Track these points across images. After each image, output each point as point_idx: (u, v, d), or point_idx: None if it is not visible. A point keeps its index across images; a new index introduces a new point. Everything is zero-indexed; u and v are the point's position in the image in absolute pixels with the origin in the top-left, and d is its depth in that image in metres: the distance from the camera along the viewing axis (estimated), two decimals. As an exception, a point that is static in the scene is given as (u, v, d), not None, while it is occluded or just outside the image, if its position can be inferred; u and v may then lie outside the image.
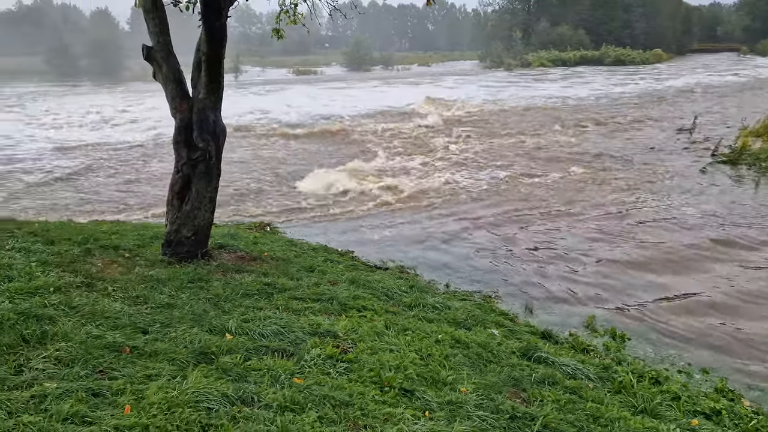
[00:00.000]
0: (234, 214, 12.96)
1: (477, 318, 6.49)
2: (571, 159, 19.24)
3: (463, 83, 54.09)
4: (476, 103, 35.98)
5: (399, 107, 33.86)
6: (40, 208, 13.75)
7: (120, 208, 13.73)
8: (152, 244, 7.59)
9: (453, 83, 54.52)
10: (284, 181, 16.85)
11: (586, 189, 15.20)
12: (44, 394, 3.28)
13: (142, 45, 7.15)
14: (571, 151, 20.69)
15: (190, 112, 6.97)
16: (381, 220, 12.55)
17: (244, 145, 22.62)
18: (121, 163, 19.55)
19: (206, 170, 7.03)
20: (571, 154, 19.99)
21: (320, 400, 3.80)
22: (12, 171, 18.19)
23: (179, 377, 3.80)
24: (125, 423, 3.09)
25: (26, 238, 6.81)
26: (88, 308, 4.81)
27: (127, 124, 28.38)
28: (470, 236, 11.27)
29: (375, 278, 7.52)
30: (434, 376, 4.58)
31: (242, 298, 5.87)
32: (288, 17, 8.13)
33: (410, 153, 20.86)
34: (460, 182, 16.07)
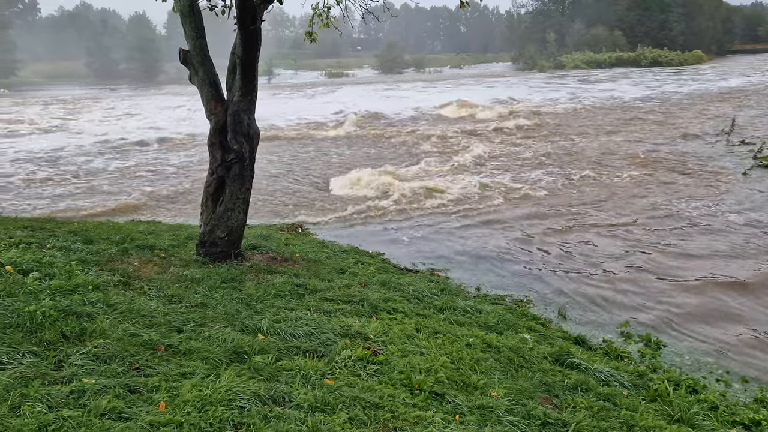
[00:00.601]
0: (266, 215, 13.09)
1: (508, 322, 6.43)
2: (620, 160, 18.87)
3: (509, 85, 53.85)
4: (530, 104, 35.75)
5: (444, 110, 33.75)
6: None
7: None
8: (187, 245, 7.72)
9: (494, 84, 54.44)
10: (317, 182, 16.98)
11: (630, 192, 14.91)
12: (83, 390, 3.37)
13: (179, 49, 7.29)
14: (620, 152, 20.26)
15: (224, 115, 7.08)
16: (412, 222, 12.54)
17: (278, 147, 22.86)
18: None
19: (240, 172, 7.13)
20: (620, 156, 19.57)
21: (351, 401, 3.81)
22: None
23: (212, 376, 3.85)
24: (160, 420, 3.15)
25: (66, 237, 7.00)
26: (125, 306, 4.92)
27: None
28: (504, 239, 11.17)
29: (406, 281, 7.52)
30: (465, 380, 4.55)
31: (274, 298, 5.93)
32: (321, 20, 8.21)
33: (448, 154, 20.81)
34: (496, 185, 15.91)
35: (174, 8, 7.27)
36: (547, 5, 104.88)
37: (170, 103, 43.01)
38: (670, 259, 10.00)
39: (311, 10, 8.21)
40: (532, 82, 57.38)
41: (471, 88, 51.95)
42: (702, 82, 49.98)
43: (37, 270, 5.40)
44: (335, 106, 37.13)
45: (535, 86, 51.60)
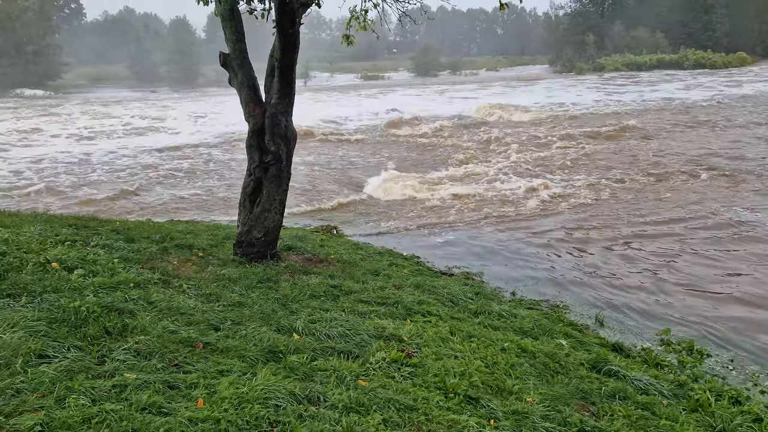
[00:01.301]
0: (302, 216, 13.22)
1: (544, 327, 6.36)
2: (673, 165, 18.46)
3: (564, 87, 53.22)
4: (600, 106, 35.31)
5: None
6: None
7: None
8: (224, 244, 7.85)
9: (547, 87, 53.98)
10: (353, 184, 17.07)
11: (678, 196, 14.56)
12: (125, 384, 3.45)
13: (219, 52, 7.43)
14: (676, 156, 19.81)
15: (262, 117, 7.18)
16: (448, 225, 12.49)
17: (315, 149, 23.06)
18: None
19: (277, 173, 7.22)
20: (673, 161, 19.12)
21: (385, 403, 3.82)
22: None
23: (249, 374, 3.91)
24: (198, 416, 3.21)
25: (109, 235, 7.18)
26: (165, 304, 5.02)
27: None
28: (541, 244, 11.05)
29: (440, 284, 7.50)
30: (499, 384, 4.51)
31: (309, 299, 5.98)
32: (358, 23, 8.25)
33: (488, 159, 20.68)
34: (536, 189, 15.72)
35: (215, 12, 7.41)
36: (586, 7, 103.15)
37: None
38: (715, 268, 9.72)
39: (348, 13, 8.25)
40: (584, 84, 56.38)
41: (525, 90, 51.51)
42: (760, 83, 48.21)
43: (82, 267, 5.55)
44: (385, 107, 37.41)
45: (591, 88, 50.86)
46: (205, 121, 33.79)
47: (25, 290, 4.72)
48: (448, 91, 53.09)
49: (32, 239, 6.22)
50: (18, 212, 8.67)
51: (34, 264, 5.34)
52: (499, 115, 32.36)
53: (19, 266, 5.24)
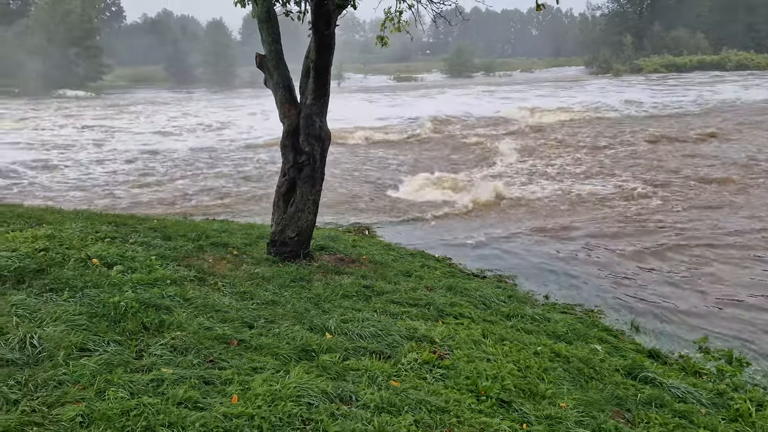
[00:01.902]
0: (334, 216, 13.29)
1: (578, 332, 6.26)
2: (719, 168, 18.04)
3: (601, 89, 52.60)
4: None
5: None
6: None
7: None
8: (258, 243, 7.94)
9: (586, 87, 53.30)
10: (386, 185, 17.09)
11: (721, 201, 14.19)
12: (162, 379, 3.52)
13: (256, 53, 7.52)
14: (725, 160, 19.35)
15: (297, 118, 7.24)
16: (480, 226, 12.42)
17: (350, 149, 23.18)
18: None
19: (311, 174, 7.27)
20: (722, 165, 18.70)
21: (416, 404, 3.82)
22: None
23: (282, 372, 3.95)
24: (233, 411, 3.25)
25: (147, 233, 7.34)
26: (201, 301, 5.11)
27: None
28: (575, 247, 10.89)
29: (472, 286, 7.45)
30: (532, 388, 4.46)
31: (341, 299, 6.01)
32: (392, 25, 8.26)
33: (526, 159, 20.51)
34: (574, 191, 15.52)
35: (252, 14, 7.51)
36: (624, 7, 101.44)
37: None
38: (755, 275, 9.45)
39: (383, 15, 8.27)
40: (631, 86, 55.53)
41: (570, 92, 51.03)
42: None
43: (121, 263, 5.69)
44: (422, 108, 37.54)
45: (638, 89, 50.08)
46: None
47: (67, 285, 4.86)
48: (496, 92, 53.06)
49: (74, 236, 6.39)
50: (60, 209, 8.92)
51: (75, 260, 5.49)
52: (556, 115, 32.03)
53: (62, 262, 5.39)
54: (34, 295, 4.56)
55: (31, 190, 17.20)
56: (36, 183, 18.18)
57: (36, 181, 18.35)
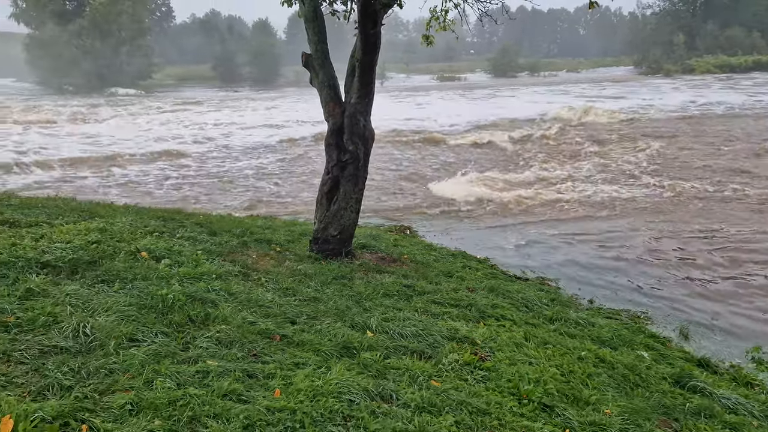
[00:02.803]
0: (376, 215, 13.33)
1: (623, 338, 6.12)
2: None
3: (664, 90, 51.31)
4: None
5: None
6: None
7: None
8: (300, 240, 8.03)
9: (639, 88, 52.12)
10: (428, 185, 17.04)
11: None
12: (207, 371, 3.59)
13: (302, 52, 7.60)
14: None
15: (342, 117, 7.29)
16: (523, 228, 12.27)
17: (394, 149, 23.21)
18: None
19: (354, 172, 7.31)
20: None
21: (457, 405, 3.79)
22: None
23: (324, 368, 3.98)
24: (276, 405, 3.29)
25: (193, 228, 7.50)
26: (245, 296, 5.19)
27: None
28: (623, 251, 10.64)
29: (514, 288, 7.37)
30: (576, 394, 4.38)
31: (382, 297, 6.02)
32: (438, 24, 8.23)
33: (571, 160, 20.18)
34: (619, 193, 15.17)
35: (299, 13, 7.59)
36: (677, 5, 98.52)
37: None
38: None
39: (428, 14, 8.25)
40: (710, 87, 53.96)
41: (630, 91, 50.09)
42: None
43: (168, 257, 5.83)
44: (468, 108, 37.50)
45: (715, 90, 48.74)
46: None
47: (118, 277, 5.00)
48: (552, 92, 52.34)
49: (124, 229, 6.57)
50: (111, 204, 9.19)
51: (125, 253, 5.65)
52: (615, 116, 31.43)
53: (113, 254, 5.55)
54: (87, 286, 4.70)
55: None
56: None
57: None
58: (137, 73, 76.10)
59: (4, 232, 5.74)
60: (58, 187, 15.76)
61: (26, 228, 6.09)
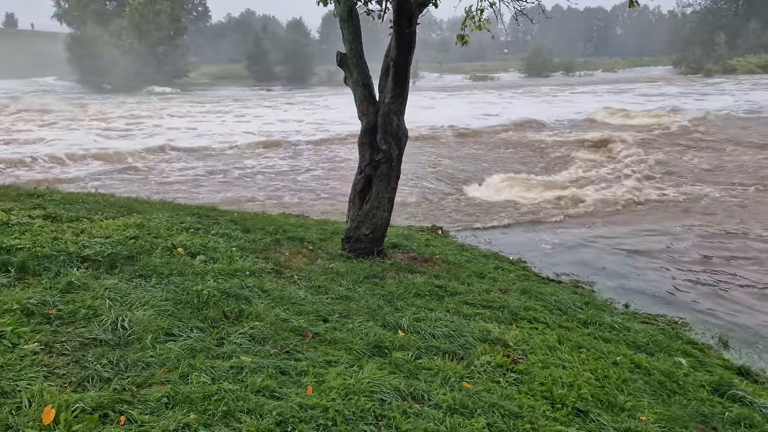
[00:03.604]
0: (407, 215, 13.31)
1: (660, 344, 5.99)
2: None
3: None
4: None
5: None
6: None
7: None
8: (332, 239, 8.06)
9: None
10: (460, 185, 16.97)
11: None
12: (241, 367, 3.63)
13: (337, 52, 7.63)
14: None
15: (375, 116, 7.29)
16: (557, 230, 12.11)
17: (428, 148, 23.16)
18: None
19: (387, 172, 7.31)
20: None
21: (489, 407, 3.76)
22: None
23: (355, 366, 3.98)
24: (308, 402, 3.31)
25: (228, 225, 7.60)
26: (277, 293, 5.24)
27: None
28: (660, 255, 10.41)
29: (548, 290, 7.27)
30: (611, 399, 4.30)
31: (414, 297, 6.01)
32: (473, 23, 8.16)
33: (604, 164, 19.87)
34: (658, 195, 14.86)
35: (334, 13, 7.62)
36: (718, 4, 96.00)
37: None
38: None
39: (461, 13, 8.20)
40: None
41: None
42: None
43: (203, 253, 5.92)
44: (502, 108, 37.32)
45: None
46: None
47: (155, 272, 5.10)
48: (611, 92, 51.57)
49: (161, 225, 6.70)
50: (149, 200, 9.38)
51: (162, 248, 5.75)
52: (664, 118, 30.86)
53: (150, 250, 5.66)
54: (125, 280, 4.80)
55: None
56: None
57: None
58: (173, 72, 77.49)
59: (47, 226, 5.90)
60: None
61: (67, 223, 6.25)
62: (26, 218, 6.08)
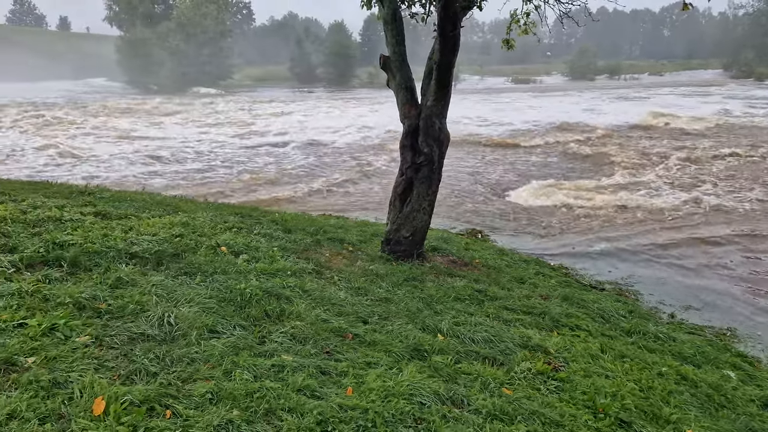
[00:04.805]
0: (447, 218, 13.25)
1: (707, 355, 5.81)
2: None
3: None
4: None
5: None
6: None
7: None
8: (372, 241, 8.09)
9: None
10: (500, 190, 16.80)
11: None
12: (282, 365, 3.68)
13: (380, 54, 7.66)
14: None
15: (417, 118, 7.29)
16: (599, 236, 11.87)
17: (468, 152, 23.04)
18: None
19: (428, 174, 7.30)
20: None
21: (529, 414, 3.72)
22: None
23: (395, 369, 3.99)
24: (348, 403, 3.33)
25: (269, 225, 7.70)
26: (318, 293, 5.29)
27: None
28: (708, 263, 10.11)
29: (590, 298, 7.14)
30: (655, 411, 4.20)
31: (453, 301, 5.98)
32: (519, 27, 8.08)
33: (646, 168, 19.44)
34: (711, 202, 14.43)
35: (378, 16, 7.66)
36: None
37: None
38: None
39: (503, 16, 8.12)
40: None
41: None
42: None
43: (246, 253, 6.02)
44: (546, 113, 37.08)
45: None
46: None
47: (199, 270, 5.21)
48: (688, 95, 50.38)
49: (205, 224, 6.84)
50: (193, 199, 9.58)
51: (206, 247, 5.87)
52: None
53: (194, 248, 5.79)
54: (171, 277, 4.92)
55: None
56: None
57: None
58: (218, 73, 79.07)
59: (97, 223, 6.09)
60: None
61: (116, 220, 6.44)
62: (78, 215, 6.28)
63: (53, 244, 5.04)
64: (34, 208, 6.23)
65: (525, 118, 34.51)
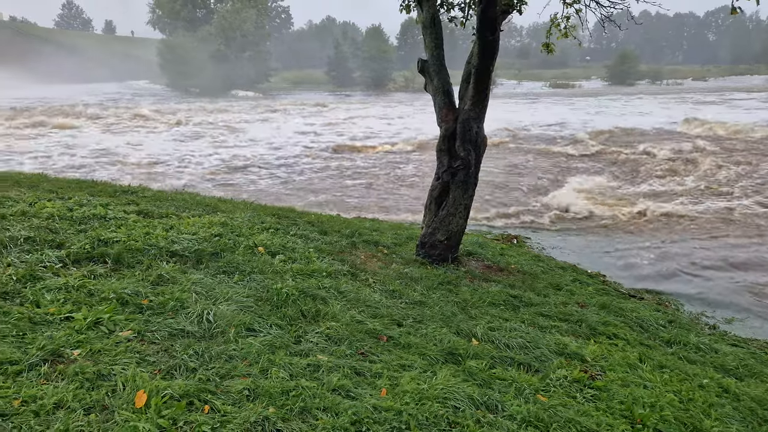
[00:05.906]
0: (484, 222, 13.17)
1: (751, 368, 5.64)
2: None
3: None
4: None
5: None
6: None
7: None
8: (407, 244, 8.10)
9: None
10: (538, 194, 16.63)
11: None
12: (317, 365, 3.72)
13: (418, 59, 7.68)
14: None
15: (454, 123, 7.28)
16: (639, 244, 11.64)
17: (505, 156, 22.87)
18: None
19: (464, 179, 7.28)
20: None
21: (565, 422, 3.67)
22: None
23: (429, 372, 3.99)
24: (382, 404, 3.34)
25: (305, 227, 7.78)
26: (353, 295, 5.32)
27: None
28: (752, 273, 9.81)
29: (628, 306, 7.01)
30: (696, 423, 4.10)
31: (488, 306, 5.94)
32: (558, 31, 8.00)
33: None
34: (757, 211, 14.03)
35: (417, 20, 7.68)
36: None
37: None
38: None
39: (541, 20, 8.05)
40: None
41: None
42: None
43: (283, 253, 6.10)
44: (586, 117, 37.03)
45: None
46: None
47: (237, 269, 5.30)
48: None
49: (243, 224, 6.95)
50: (231, 199, 9.74)
51: (244, 246, 5.97)
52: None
53: (233, 247, 5.89)
54: (210, 276, 5.02)
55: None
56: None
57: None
58: (256, 77, 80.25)
59: (140, 221, 6.25)
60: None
61: (158, 219, 6.60)
62: (122, 213, 6.46)
63: (98, 241, 5.20)
64: (80, 206, 6.42)
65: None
